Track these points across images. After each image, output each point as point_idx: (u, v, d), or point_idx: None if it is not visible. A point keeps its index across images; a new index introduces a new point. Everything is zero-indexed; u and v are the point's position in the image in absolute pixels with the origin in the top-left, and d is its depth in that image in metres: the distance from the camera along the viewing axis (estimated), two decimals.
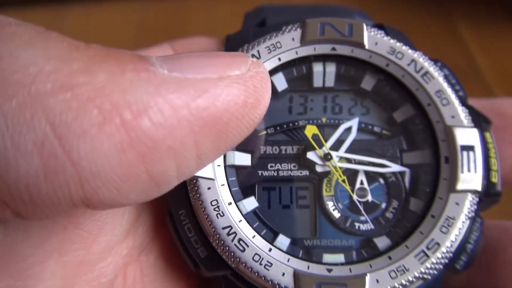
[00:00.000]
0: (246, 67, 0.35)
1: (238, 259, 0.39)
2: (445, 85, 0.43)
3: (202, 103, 0.31)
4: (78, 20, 0.90)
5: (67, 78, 0.28)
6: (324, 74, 0.46)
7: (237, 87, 0.33)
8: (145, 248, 0.45)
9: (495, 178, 0.42)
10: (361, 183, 0.44)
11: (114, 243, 0.42)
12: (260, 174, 0.44)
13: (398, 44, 0.44)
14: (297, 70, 0.46)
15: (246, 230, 0.40)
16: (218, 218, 0.40)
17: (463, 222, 0.39)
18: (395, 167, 0.44)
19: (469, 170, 0.40)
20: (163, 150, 0.30)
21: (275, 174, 0.44)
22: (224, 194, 0.41)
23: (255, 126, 0.35)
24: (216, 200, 0.40)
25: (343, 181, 0.44)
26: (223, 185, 0.41)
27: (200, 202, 0.40)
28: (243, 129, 0.34)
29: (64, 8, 0.92)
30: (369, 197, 0.44)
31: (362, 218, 0.43)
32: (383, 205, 0.44)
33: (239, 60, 0.35)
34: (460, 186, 0.40)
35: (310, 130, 0.45)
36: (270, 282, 0.38)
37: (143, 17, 0.86)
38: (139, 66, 0.31)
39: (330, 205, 0.44)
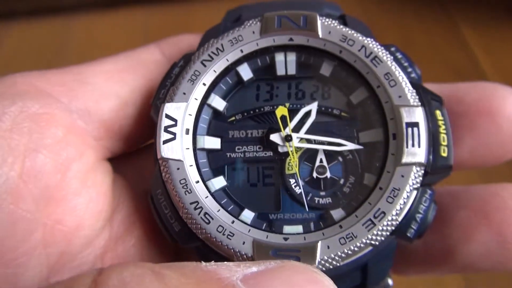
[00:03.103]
0: None
1: (204, 230, 0.44)
2: (393, 68, 0.46)
3: None
4: (85, 29, 0.95)
5: None
6: (285, 63, 0.50)
7: None
8: (120, 238, 0.50)
9: (444, 152, 0.45)
10: (321, 161, 0.48)
11: (93, 237, 0.47)
12: (228, 156, 0.49)
13: (350, 32, 0.47)
14: (261, 61, 0.50)
15: (211, 205, 0.45)
16: (186, 194, 0.45)
17: (407, 192, 0.43)
18: (350, 145, 0.48)
19: (413, 145, 0.44)
20: None
21: (242, 155, 0.49)
22: (192, 174, 0.46)
23: None
24: (185, 179, 0.45)
25: (295, 163, 0.47)
26: (191, 165, 0.46)
27: (171, 181, 0.45)
28: None
29: (71, 17, 0.96)
30: (328, 174, 0.48)
31: (321, 193, 0.47)
32: (341, 181, 0.48)
33: None
34: (405, 159, 0.44)
35: (280, 111, 0.49)
36: (232, 250, 0.43)
37: (148, 24, 0.91)
38: None
39: (291, 182, 0.48)
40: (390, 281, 0.49)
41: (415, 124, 0.44)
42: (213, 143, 0.49)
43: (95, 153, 0.49)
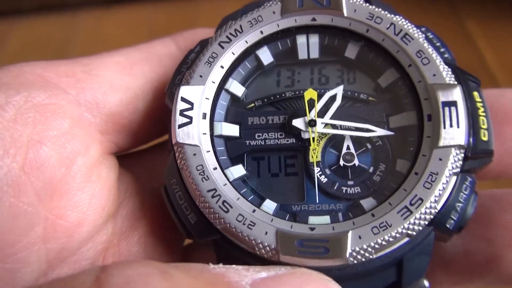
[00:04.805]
0: None
1: (222, 220, 0.40)
2: (425, 45, 0.43)
3: None
4: (91, 26, 0.95)
5: None
6: (308, 46, 0.47)
7: None
8: (123, 234, 0.47)
9: (484, 136, 0.41)
10: (348, 148, 0.45)
11: (94, 232, 0.45)
12: (248, 143, 0.45)
13: (377, 9, 0.45)
14: (281, 44, 0.47)
15: (230, 193, 0.41)
16: (203, 181, 0.41)
17: (447, 177, 0.39)
18: (380, 131, 0.44)
19: (451, 126, 0.40)
20: None
21: (263, 143, 0.45)
22: (209, 160, 0.42)
23: None
24: (202, 165, 0.42)
25: (314, 149, 0.44)
26: (209, 151, 0.43)
27: (186, 167, 0.42)
28: None
29: (76, 14, 0.97)
30: (356, 162, 0.44)
31: (349, 182, 0.44)
32: (371, 169, 0.44)
33: None
34: (442, 141, 0.40)
35: (309, 94, 0.45)
36: (253, 241, 0.39)
37: (154, 21, 0.90)
38: None
39: (316, 170, 0.44)
40: (426, 283, 0.44)
41: (452, 103, 0.40)
42: (232, 130, 0.46)
43: (101, 147, 0.46)
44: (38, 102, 0.41)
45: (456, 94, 0.41)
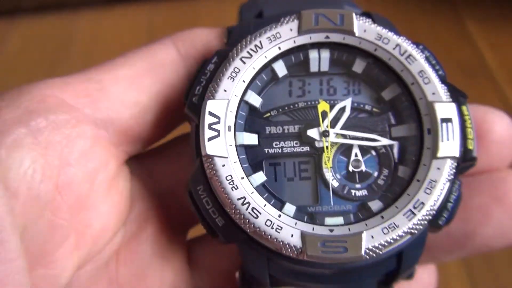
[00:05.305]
0: None
1: (252, 225, 0.45)
2: (426, 65, 0.49)
3: None
4: (90, 26, 0.93)
5: None
6: (319, 60, 0.51)
7: None
8: (133, 234, 0.53)
9: (471, 146, 0.49)
10: (356, 155, 0.50)
11: (111, 238, 0.51)
12: (266, 151, 0.50)
13: (384, 30, 0.49)
14: (295, 57, 0.51)
15: (258, 200, 0.46)
16: (233, 191, 0.46)
17: (443, 184, 0.46)
18: (385, 141, 0.50)
19: (448, 139, 0.47)
20: None
21: (280, 151, 0.50)
22: (237, 170, 0.47)
23: None
24: (231, 175, 0.46)
25: (327, 157, 0.49)
26: (235, 162, 0.47)
27: (217, 178, 0.46)
28: None
29: (75, 14, 0.94)
30: (363, 167, 0.50)
31: (357, 185, 0.50)
32: (375, 174, 0.50)
33: None
34: (440, 153, 0.47)
35: (322, 106, 0.50)
36: (281, 243, 0.45)
37: (153, 20, 0.89)
38: None
39: (328, 175, 0.50)
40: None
41: (449, 120, 0.47)
42: (251, 139, 0.50)
43: (117, 160, 0.50)
44: (62, 126, 0.45)
45: (452, 112, 0.47)
